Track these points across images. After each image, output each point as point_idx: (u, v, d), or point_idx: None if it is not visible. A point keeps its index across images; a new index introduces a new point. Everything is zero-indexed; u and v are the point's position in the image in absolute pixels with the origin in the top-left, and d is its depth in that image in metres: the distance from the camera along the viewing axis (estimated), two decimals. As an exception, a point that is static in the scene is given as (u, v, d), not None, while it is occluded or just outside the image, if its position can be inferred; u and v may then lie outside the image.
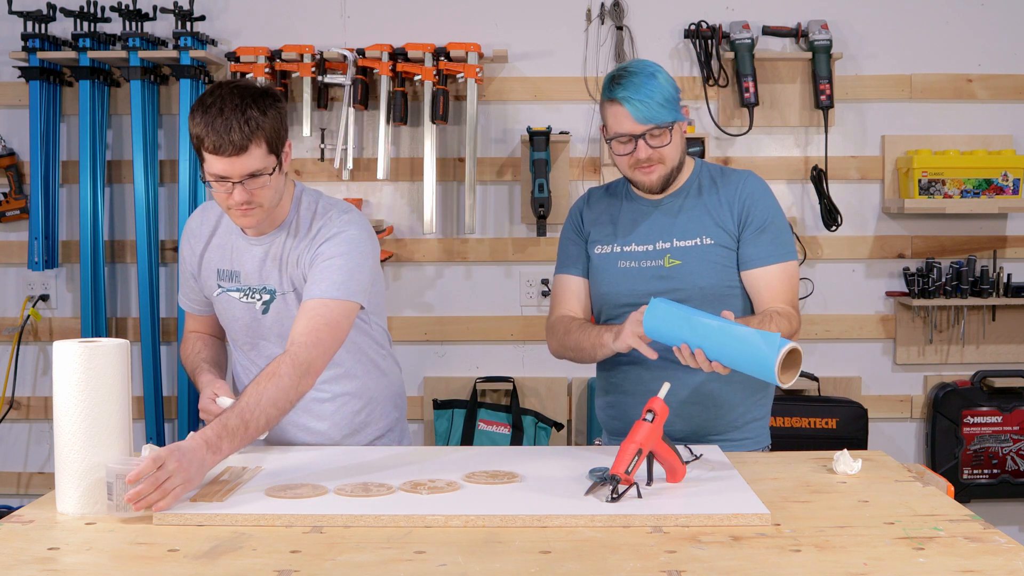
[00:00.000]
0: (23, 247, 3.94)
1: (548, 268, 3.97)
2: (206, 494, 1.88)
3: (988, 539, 1.68)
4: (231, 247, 2.29)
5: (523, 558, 1.61)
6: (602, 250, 2.41)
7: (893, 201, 3.89)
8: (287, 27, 3.91)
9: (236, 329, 2.34)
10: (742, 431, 2.37)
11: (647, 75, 2.26)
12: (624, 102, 2.24)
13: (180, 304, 2.49)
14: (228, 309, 2.32)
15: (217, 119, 2.06)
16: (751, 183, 2.36)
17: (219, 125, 2.06)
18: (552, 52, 3.93)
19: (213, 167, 2.09)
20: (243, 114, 2.07)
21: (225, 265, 2.30)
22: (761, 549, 1.65)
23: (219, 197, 2.15)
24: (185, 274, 2.41)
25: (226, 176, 2.10)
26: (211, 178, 2.12)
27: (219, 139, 2.06)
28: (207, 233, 2.34)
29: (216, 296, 2.34)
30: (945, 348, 3.97)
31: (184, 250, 2.39)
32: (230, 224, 2.30)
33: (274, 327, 2.28)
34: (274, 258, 2.26)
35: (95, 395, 1.83)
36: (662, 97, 2.25)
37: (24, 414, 4.03)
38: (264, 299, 2.27)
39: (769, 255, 2.32)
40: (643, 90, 2.24)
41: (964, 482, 3.86)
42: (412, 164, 3.93)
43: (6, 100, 3.97)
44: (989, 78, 3.93)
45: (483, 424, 3.83)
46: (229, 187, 2.11)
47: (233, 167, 2.08)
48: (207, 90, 2.15)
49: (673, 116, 2.27)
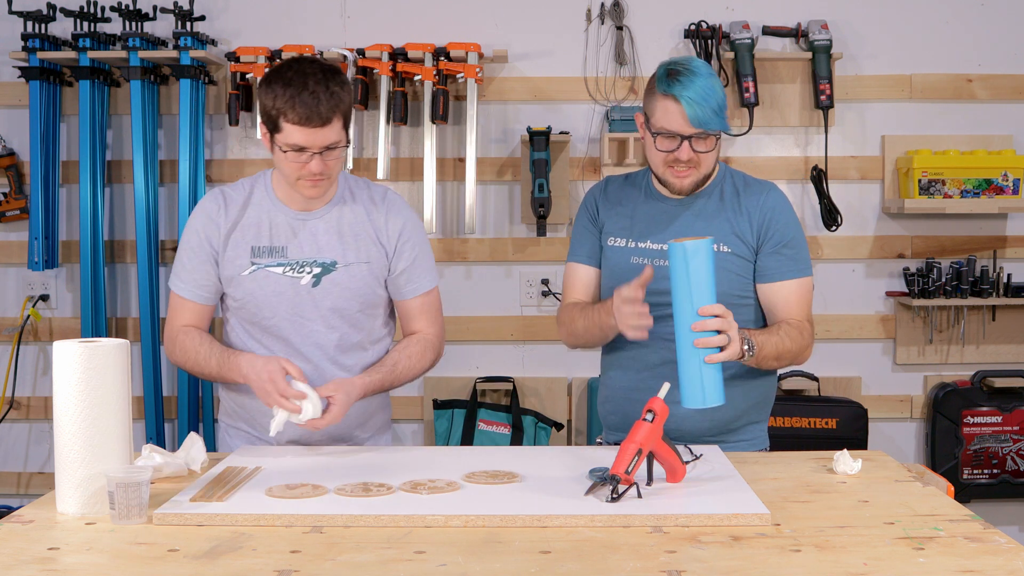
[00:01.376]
0: (23, 247, 3.94)
1: (548, 268, 3.97)
2: (206, 494, 1.88)
3: (988, 539, 1.69)
4: (269, 224, 2.31)
5: (523, 558, 1.61)
6: (616, 243, 2.41)
7: (893, 201, 3.89)
8: (287, 27, 3.91)
9: (275, 304, 2.30)
10: (738, 434, 2.37)
11: (708, 76, 2.24)
12: (682, 100, 2.21)
13: (178, 292, 2.35)
14: (265, 285, 2.29)
15: (303, 92, 2.15)
16: (773, 197, 2.36)
17: (306, 98, 2.15)
18: (552, 52, 3.93)
19: (292, 138, 2.17)
20: (327, 88, 2.17)
21: (263, 242, 2.30)
22: (761, 549, 1.65)
23: (291, 168, 2.21)
24: (194, 260, 2.32)
25: (306, 147, 2.18)
26: (288, 148, 2.18)
27: (307, 111, 2.15)
28: (234, 214, 2.32)
29: (248, 274, 2.30)
30: (945, 348, 3.97)
31: (198, 235, 2.32)
32: (262, 203, 2.33)
33: (326, 299, 2.30)
34: (335, 231, 2.31)
35: (95, 395, 1.83)
36: (717, 104, 2.23)
37: (24, 414, 4.03)
38: (315, 272, 2.29)
39: (788, 270, 2.33)
40: (702, 93, 2.22)
41: (964, 482, 3.86)
42: (412, 164, 3.93)
43: (6, 100, 3.97)
44: (989, 78, 3.93)
45: (483, 424, 3.83)
46: (307, 157, 2.19)
47: (315, 138, 2.17)
48: (282, 64, 2.23)
49: (722, 125, 2.26)
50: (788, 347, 2.27)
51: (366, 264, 2.33)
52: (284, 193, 2.33)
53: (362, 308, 2.35)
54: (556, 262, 3.97)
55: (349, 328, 2.35)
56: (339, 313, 2.32)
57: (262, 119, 2.23)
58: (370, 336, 2.39)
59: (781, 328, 2.28)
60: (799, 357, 2.32)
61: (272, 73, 2.21)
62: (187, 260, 2.34)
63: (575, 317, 2.39)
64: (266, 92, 2.19)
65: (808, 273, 2.36)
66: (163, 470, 2.07)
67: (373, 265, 2.34)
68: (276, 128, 2.19)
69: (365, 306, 2.35)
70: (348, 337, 2.35)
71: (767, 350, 2.22)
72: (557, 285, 3.97)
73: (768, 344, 2.22)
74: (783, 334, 2.26)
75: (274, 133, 2.20)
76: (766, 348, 2.21)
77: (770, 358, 2.25)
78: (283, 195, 2.34)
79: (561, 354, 3.98)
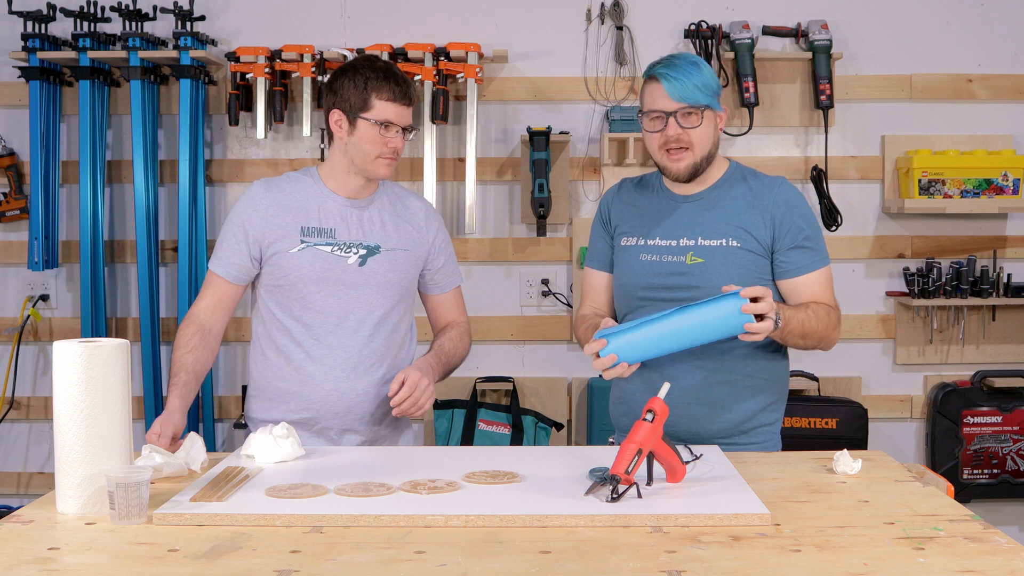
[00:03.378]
0: (23, 247, 3.94)
1: (548, 268, 3.97)
2: (206, 494, 1.88)
3: (988, 539, 1.68)
4: (318, 208, 2.49)
5: (523, 558, 1.61)
6: (627, 242, 2.43)
7: (893, 201, 3.89)
8: (287, 27, 3.92)
9: (319, 280, 2.46)
10: (749, 436, 2.37)
11: (689, 61, 2.32)
12: (661, 78, 2.29)
13: (211, 267, 2.51)
14: (312, 261, 2.46)
15: (395, 74, 2.44)
16: (786, 191, 2.37)
17: (399, 78, 2.44)
18: (552, 52, 3.93)
19: (386, 113, 2.42)
20: (407, 78, 2.47)
21: (312, 223, 2.48)
22: (761, 549, 1.65)
23: (374, 145, 2.43)
24: (236, 238, 2.48)
25: (395, 122, 2.42)
26: (379, 124, 2.41)
27: (401, 89, 2.43)
28: (285, 198, 2.50)
29: (297, 251, 2.46)
30: (945, 348, 3.97)
31: (247, 215, 2.48)
32: (311, 190, 2.51)
33: (371, 277, 2.49)
34: (378, 219, 2.52)
35: (95, 395, 1.83)
36: (700, 81, 2.30)
37: (24, 414, 4.03)
38: (361, 253, 2.49)
39: (811, 262, 2.35)
40: (681, 71, 2.29)
41: (964, 482, 3.86)
42: (412, 164, 3.93)
43: (6, 100, 3.97)
44: (989, 78, 3.93)
45: (483, 424, 3.83)
46: (393, 133, 2.43)
47: (404, 115, 2.44)
48: (359, 58, 2.51)
49: (707, 100, 2.30)
50: (814, 327, 2.27)
51: (405, 251, 2.54)
52: (336, 182, 2.51)
53: (400, 292, 2.54)
54: (556, 262, 3.97)
55: (389, 308, 2.52)
56: (381, 292, 2.51)
57: (341, 106, 2.44)
58: (404, 318, 2.57)
59: (810, 307, 2.29)
60: (826, 339, 2.32)
61: (353, 63, 2.46)
62: (224, 239, 2.52)
63: (581, 331, 2.49)
64: (352, 77, 2.43)
65: (827, 261, 2.38)
66: (163, 470, 2.07)
67: (412, 253, 2.55)
68: (366, 107, 2.42)
69: (403, 291, 2.55)
70: (387, 318, 2.52)
71: (793, 325, 2.22)
72: (557, 285, 3.97)
73: (795, 320, 2.23)
74: (811, 313, 2.27)
75: (359, 114, 2.42)
76: (792, 323, 2.22)
77: (795, 334, 2.25)
78: (334, 184, 2.52)
79: (561, 354, 3.99)
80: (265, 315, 2.52)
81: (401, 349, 2.57)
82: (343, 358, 2.47)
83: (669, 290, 2.32)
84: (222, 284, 2.50)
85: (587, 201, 3.95)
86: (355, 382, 2.48)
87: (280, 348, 2.49)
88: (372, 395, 2.50)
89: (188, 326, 2.47)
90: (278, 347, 2.50)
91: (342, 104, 2.44)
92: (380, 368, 2.50)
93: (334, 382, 2.47)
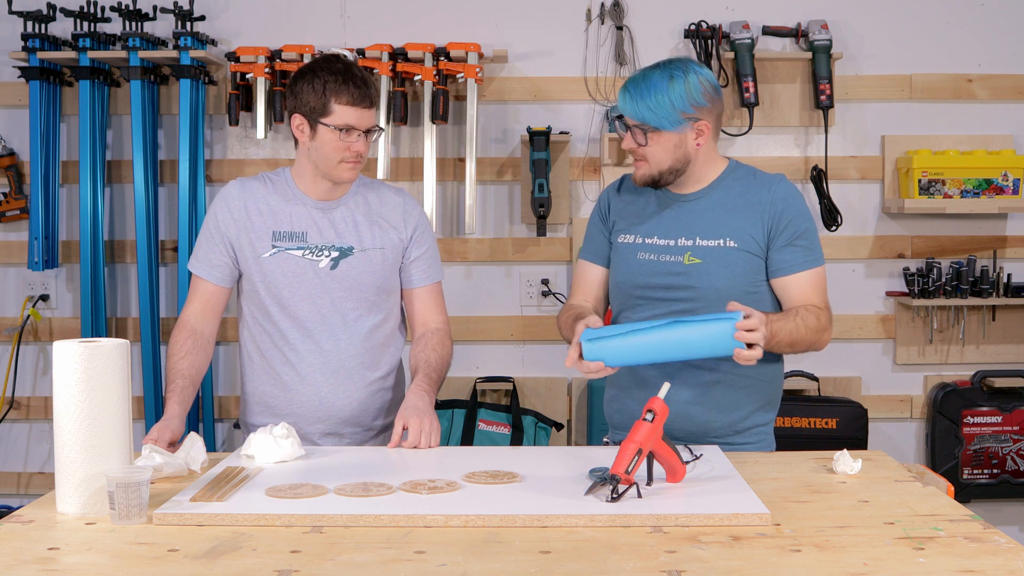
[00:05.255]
0: (23, 247, 3.94)
1: (548, 268, 3.97)
2: (206, 494, 1.88)
3: (988, 539, 1.69)
4: (289, 213, 2.46)
5: (523, 558, 1.61)
6: (625, 239, 2.42)
7: (893, 201, 3.89)
8: (287, 27, 3.91)
9: (291, 285, 2.44)
10: (743, 436, 2.37)
11: (662, 75, 2.28)
12: (622, 90, 2.31)
13: (193, 270, 2.49)
14: (284, 266, 2.44)
15: (355, 77, 2.36)
16: (783, 188, 2.36)
17: (358, 82, 2.36)
18: (552, 52, 3.93)
19: (345, 118, 2.35)
20: (367, 77, 2.40)
21: (284, 227, 2.45)
22: (761, 549, 1.65)
23: (335, 150, 2.37)
24: (214, 240, 2.46)
25: (356, 127, 2.36)
26: (340, 128, 2.35)
27: (360, 92, 2.36)
28: (258, 200, 2.47)
29: (267, 256, 2.44)
30: (945, 348, 3.97)
31: (221, 216, 2.46)
32: (284, 192, 2.47)
33: (344, 280, 2.45)
34: (351, 220, 2.47)
35: (95, 395, 1.83)
36: (656, 101, 2.26)
37: (24, 414, 4.03)
38: (333, 256, 2.44)
39: (803, 261, 2.33)
40: (643, 86, 2.27)
41: (964, 482, 3.86)
42: (412, 164, 3.93)
43: (6, 100, 3.97)
44: (989, 78, 3.93)
45: (483, 424, 3.83)
46: (354, 138, 2.36)
47: (364, 119, 2.38)
48: (315, 61, 2.42)
49: (658, 122, 2.27)
50: (802, 335, 2.27)
51: (381, 251, 2.48)
52: (306, 184, 2.47)
53: (377, 293, 2.49)
54: (556, 262, 3.97)
55: (365, 310, 2.48)
56: (356, 295, 2.46)
57: (301, 110, 2.38)
58: (387, 319, 2.53)
59: (799, 314, 2.28)
60: (816, 343, 2.32)
61: (311, 66, 2.39)
62: (207, 240, 2.49)
63: (563, 324, 2.44)
64: (311, 81, 2.36)
65: (822, 262, 2.36)
66: (163, 470, 2.07)
67: (387, 252, 2.49)
68: (325, 112, 2.35)
69: (380, 291, 2.49)
70: (363, 320, 2.48)
71: (781, 337, 2.23)
72: (557, 285, 3.97)
73: (782, 331, 2.23)
74: (799, 320, 2.26)
75: (319, 119, 2.36)
76: (780, 335, 2.22)
77: (783, 344, 2.26)
78: (304, 187, 2.48)
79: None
80: (248, 319, 2.51)
81: (386, 350, 2.53)
82: (321, 363, 2.45)
83: (666, 290, 2.32)
84: (208, 287, 2.48)
85: (587, 201, 3.95)
86: (335, 387, 2.46)
87: (263, 352, 2.49)
88: (356, 400, 2.47)
89: (180, 332, 2.46)
90: (261, 351, 2.49)
91: (302, 108, 2.38)
92: (362, 371, 2.48)
93: (314, 387, 2.46)
